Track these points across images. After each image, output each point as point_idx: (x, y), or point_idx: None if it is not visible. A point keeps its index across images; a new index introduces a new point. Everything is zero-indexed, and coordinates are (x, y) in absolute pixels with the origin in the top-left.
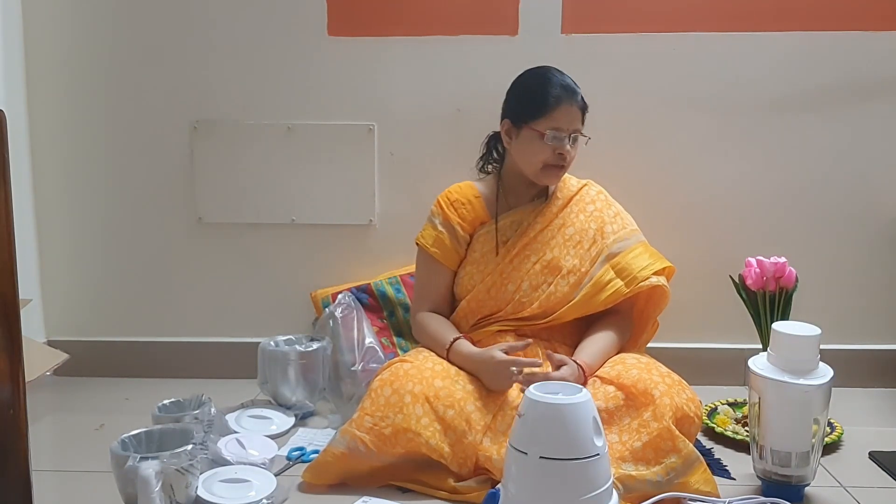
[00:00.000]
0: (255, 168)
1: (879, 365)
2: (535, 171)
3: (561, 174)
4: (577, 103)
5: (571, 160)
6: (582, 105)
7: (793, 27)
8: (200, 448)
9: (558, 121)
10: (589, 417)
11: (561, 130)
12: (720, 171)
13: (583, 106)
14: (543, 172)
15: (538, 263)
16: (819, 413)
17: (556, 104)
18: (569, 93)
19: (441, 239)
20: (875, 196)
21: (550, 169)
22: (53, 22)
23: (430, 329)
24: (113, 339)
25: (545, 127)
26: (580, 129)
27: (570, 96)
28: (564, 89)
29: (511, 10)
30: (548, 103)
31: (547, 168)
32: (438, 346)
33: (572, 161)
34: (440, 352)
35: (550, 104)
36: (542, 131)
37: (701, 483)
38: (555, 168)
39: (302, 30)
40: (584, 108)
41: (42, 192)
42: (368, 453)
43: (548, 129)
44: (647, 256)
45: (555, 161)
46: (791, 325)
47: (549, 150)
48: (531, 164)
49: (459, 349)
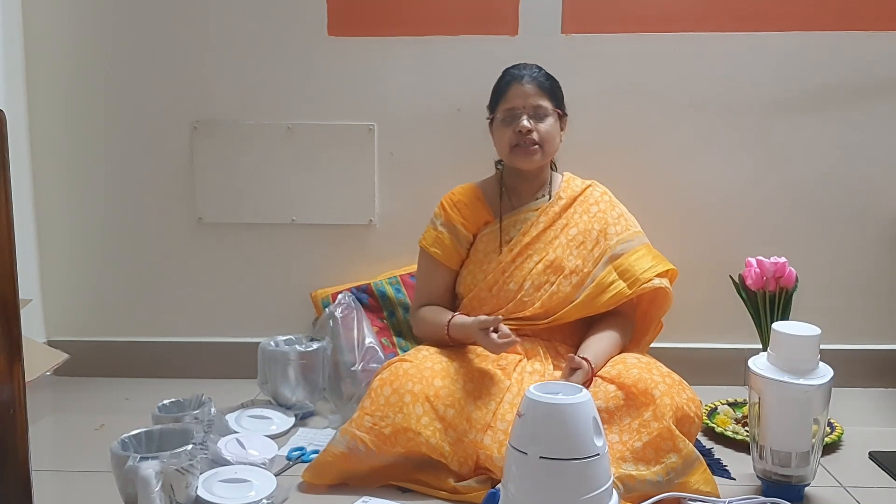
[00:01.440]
0: (255, 168)
1: (879, 365)
2: (507, 155)
3: (533, 154)
4: (529, 80)
5: (544, 139)
6: (540, 82)
7: (793, 27)
8: (200, 448)
9: (510, 101)
10: (589, 417)
11: (515, 109)
12: (720, 172)
13: (541, 83)
14: (513, 154)
15: (541, 263)
16: (819, 413)
17: (507, 87)
18: (519, 74)
19: (441, 239)
20: (875, 196)
21: (517, 150)
22: (53, 22)
23: (428, 317)
24: (113, 339)
25: (501, 111)
26: (541, 104)
27: (519, 77)
28: (515, 73)
29: (511, 10)
30: (500, 89)
31: (514, 150)
32: (438, 328)
33: (547, 141)
34: (440, 333)
35: (502, 89)
36: (499, 116)
37: (701, 483)
38: (521, 149)
39: (302, 30)
40: (543, 84)
41: (42, 192)
42: (368, 453)
43: (502, 112)
44: (650, 258)
45: (517, 140)
46: (791, 325)
47: (510, 131)
48: (503, 150)
49: (457, 322)
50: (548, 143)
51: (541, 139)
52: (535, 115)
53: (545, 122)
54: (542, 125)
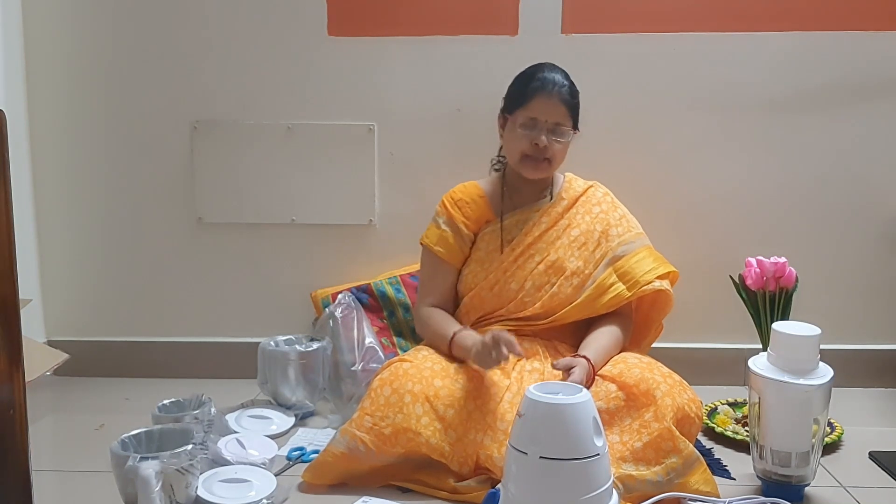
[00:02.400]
0: (255, 168)
1: (879, 365)
2: (515, 161)
3: (541, 168)
4: (557, 96)
5: (555, 155)
6: (566, 99)
7: (793, 27)
8: (200, 448)
9: (534, 110)
10: (589, 417)
11: (536, 120)
12: (720, 171)
13: (567, 101)
14: (522, 163)
15: (542, 263)
16: (819, 413)
17: (534, 94)
18: (549, 85)
19: (445, 237)
20: (875, 196)
21: (528, 160)
22: (53, 22)
23: (433, 322)
24: (113, 339)
25: (522, 116)
26: (561, 123)
27: (550, 88)
28: (545, 81)
29: (511, 10)
30: (526, 93)
31: (525, 159)
32: (441, 340)
33: (558, 157)
34: (442, 344)
35: (528, 94)
36: (519, 121)
37: (701, 483)
38: (532, 160)
39: (302, 30)
40: (569, 103)
41: (42, 192)
42: (368, 453)
43: (523, 118)
44: (650, 261)
45: (531, 151)
46: (791, 325)
47: (527, 140)
48: (512, 154)
49: (459, 341)
50: (557, 160)
51: (552, 155)
52: (554, 132)
53: (561, 142)
54: (558, 144)
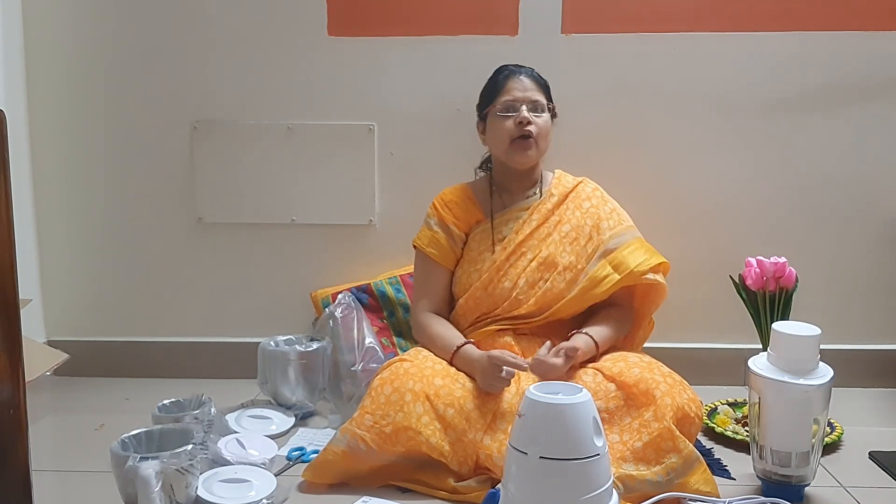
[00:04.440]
0: (255, 168)
1: (879, 365)
2: (505, 151)
3: (530, 149)
4: (527, 77)
5: (540, 133)
6: (536, 78)
7: (793, 27)
8: (200, 448)
9: (510, 92)
10: (589, 417)
11: (515, 101)
12: (720, 171)
13: (538, 79)
14: (513, 149)
15: (534, 260)
16: (819, 413)
17: (505, 81)
18: (516, 71)
19: (437, 239)
20: (875, 196)
21: (517, 143)
22: (53, 22)
23: (432, 331)
24: (113, 339)
25: (499, 103)
26: (539, 100)
27: (518, 73)
28: (511, 69)
29: (511, 10)
30: (497, 84)
31: (514, 143)
32: (441, 350)
33: (542, 137)
34: (443, 356)
35: (500, 84)
36: (497, 109)
37: (701, 483)
38: (521, 141)
39: (302, 30)
40: (539, 81)
41: (42, 192)
42: (369, 452)
43: (501, 104)
44: (642, 252)
45: (518, 132)
46: (791, 325)
47: (511, 123)
48: (501, 146)
49: (463, 356)
50: (542, 140)
51: (537, 134)
52: (533, 109)
53: (542, 118)
54: (540, 120)
